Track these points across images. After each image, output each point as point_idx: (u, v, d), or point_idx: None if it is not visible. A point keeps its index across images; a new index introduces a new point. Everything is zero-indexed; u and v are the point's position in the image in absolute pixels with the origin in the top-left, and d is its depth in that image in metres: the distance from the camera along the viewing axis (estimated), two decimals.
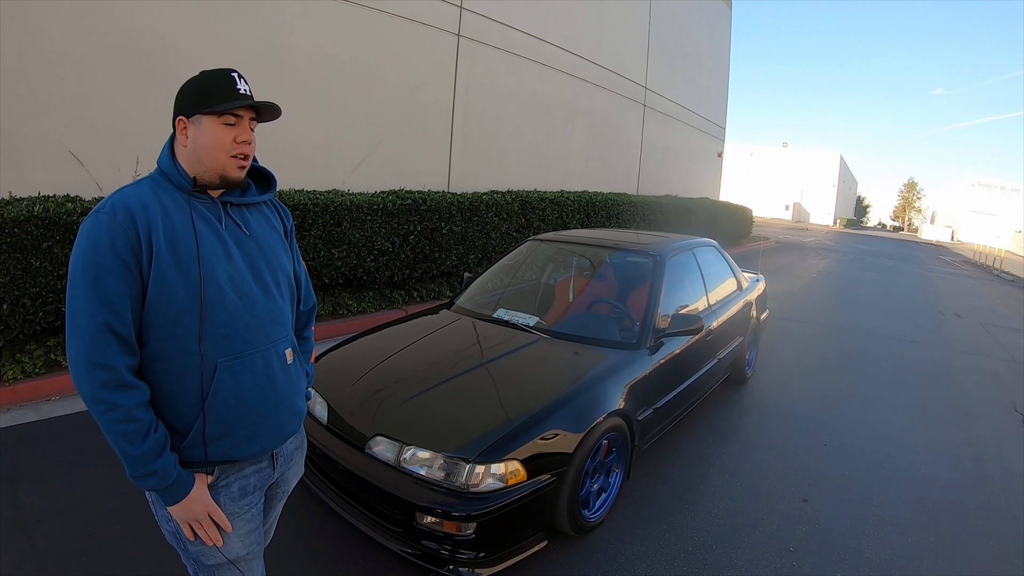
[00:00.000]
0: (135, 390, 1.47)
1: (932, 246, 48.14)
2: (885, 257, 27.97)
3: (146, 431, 1.47)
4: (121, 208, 1.48)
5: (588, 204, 11.94)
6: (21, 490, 3.42)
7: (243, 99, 1.58)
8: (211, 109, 1.55)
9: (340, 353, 3.99)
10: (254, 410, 1.64)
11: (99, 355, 1.43)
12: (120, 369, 1.44)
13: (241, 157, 1.62)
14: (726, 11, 25.34)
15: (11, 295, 4.74)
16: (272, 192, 1.85)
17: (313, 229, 6.87)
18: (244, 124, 1.61)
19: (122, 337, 1.46)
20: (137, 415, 1.46)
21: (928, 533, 3.68)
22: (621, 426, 3.42)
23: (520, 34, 12.13)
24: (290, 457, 1.90)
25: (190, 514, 1.58)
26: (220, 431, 1.59)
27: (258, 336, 1.65)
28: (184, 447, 1.57)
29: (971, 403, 6.34)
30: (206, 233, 1.58)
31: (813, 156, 74.47)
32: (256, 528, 1.77)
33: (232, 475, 1.68)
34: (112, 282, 1.44)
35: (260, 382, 1.65)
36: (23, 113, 5.78)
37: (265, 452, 1.73)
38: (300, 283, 1.96)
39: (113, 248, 1.44)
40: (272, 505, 1.94)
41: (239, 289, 1.61)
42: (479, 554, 2.76)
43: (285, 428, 1.77)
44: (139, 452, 1.46)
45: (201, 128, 1.57)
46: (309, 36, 8.27)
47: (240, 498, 1.70)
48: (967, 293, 16.69)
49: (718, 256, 5.73)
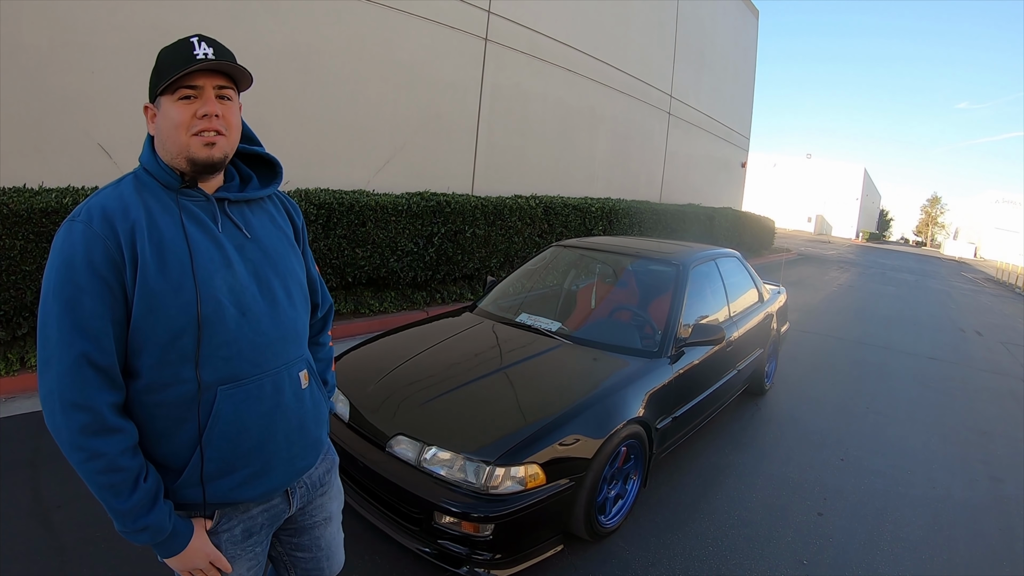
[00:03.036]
0: (120, 433, 1.26)
1: (954, 262, 47.64)
2: (906, 272, 27.70)
3: (134, 481, 1.27)
4: (98, 214, 1.27)
5: (611, 211, 11.95)
6: (41, 476, 3.49)
7: (189, 64, 1.30)
8: (162, 86, 1.31)
9: (363, 352, 4.03)
10: (260, 445, 1.43)
11: (77, 394, 1.22)
12: (101, 409, 1.24)
13: (207, 133, 1.34)
14: (752, 20, 25.24)
15: (37, 283, 4.84)
16: (277, 183, 1.61)
17: (338, 228, 6.95)
18: (206, 95, 1.34)
19: (103, 369, 1.25)
20: (123, 464, 1.25)
21: (942, 551, 3.67)
22: (640, 434, 3.44)
23: (547, 39, 12.17)
24: (315, 487, 1.68)
25: (189, 565, 1.40)
26: (220, 469, 1.38)
27: (266, 357, 1.42)
28: (178, 487, 1.37)
29: (989, 422, 6.28)
30: (200, 238, 1.36)
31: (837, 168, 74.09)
32: (258, 564, 1.57)
33: (236, 518, 1.48)
34: (90, 304, 1.23)
35: (268, 411, 1.43)
36: (53, 105, 5.92)
37: (274, 492, 1.52)
38: (316, 286, 1.76)
39: (90, 263, 1.23)
40: (318, 534, 1.74)
41: (241, 303, 1.38)
42: (496, 555, 2.78)
43: (298, 463, 1.55)
44: (127, 506, 1.27)
45: (161, 111, 1.35)
46: (337, 36, 8.36)
47: (243, 540, 1.50)
48: (988, 311, 16.49)
49: (740, 267, 5.73)
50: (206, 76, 1.33)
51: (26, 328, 4.95)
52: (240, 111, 1.46)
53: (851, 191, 72.93)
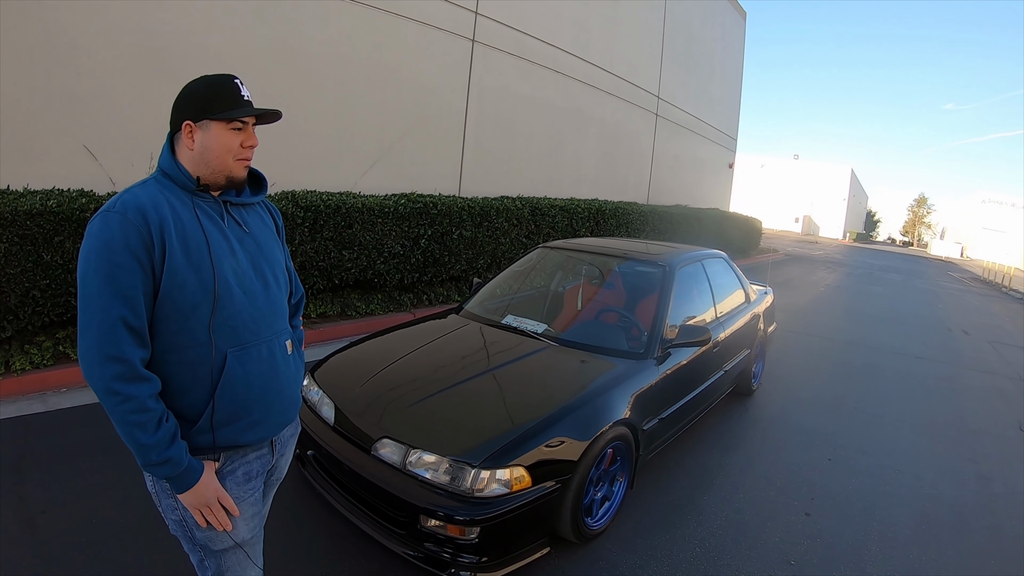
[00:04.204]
0: (148, 382, 1.52)
1: (941, 262, 47.96)
2: (894, 272, 27.88)
3: (158, 420, 1.53)
4: (133, 207, 1.52)
5: (598, 212, 11.96)
6: (27, 480, 3.45)
7: (249, 106, 1.67)
8: (220, 115, 1.62)
9: (348, 355, 4.00)
10: (260, 397, 1.73)
11: (114, 348, 1.47)
12: (134, 362, 1.50)
13: (245, 159, 1.71)
14: (740, 22, 25.37)
15: (21, 286, 4.78)
16: (264, 193, 1.92)
17: (324, 230, 6.89)
18: (250, 129, 1.69)
19: (136, 331, 1.51)
20: (150, 405, 1.51)
21: (930, 550, 3.68)
22: (626, 435, 3.43)
23: (534, 40, 12.18)
24: (285, 444, 1.99)
25: (201, 500, 1.64)
26: (228, 417, 1.67)
27: (262, 327, 1.74)
28: (193, 434, 1.63)
29: (976, 421, 6.32)
30: (212, 231, 1.66)
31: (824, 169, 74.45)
32: (259, 512, 1.86)
33: (237, 461, 1.76)
34: (126, 278, 1.49)
35: (265, 371, 1.74)
36: (39, 106, 5.86)
37: (267, 438, 1.82)
38: (291, 276, 2.05)
39: (127, 246, 1.49)
40: (267, 492, 2.00)
41: (243, 284, 1.69)
42: (482, 558, 2.77)
43: (287, 415, 1.87)
44: (152, 441, 1.51)
45: (210, 133, 1.63)
46: (324, 37, 8.33)
47: (245, 483, 1.78)
48: (975, 310, 16.61)
49: (727, 268, 5.74)
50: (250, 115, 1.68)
51: (10, 332, 4.86)
52: None
53: (838, 192, 73.30)
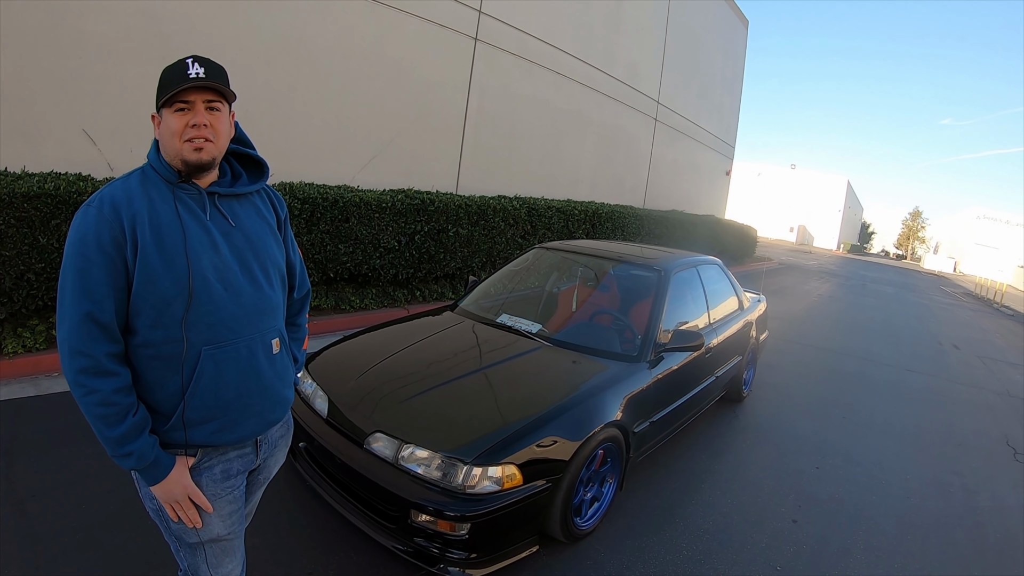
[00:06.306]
0: (114, 377, 1.53)
1: (934, 276, 48.11)
2: (886, 284, 27.97)
3: (124, 414, 1.53)
4: (108, 202, 1.54)
5: (594, 214, 11.97)
6: (17, 464, 3.45)
7: (182, 83, 1.57)
8: (162, 100, 1.60)
9: (343, 348, 4.01)
10: (236, 397, 1.69)
11: (80, 343, 1.50)
12: (99, 357, 1.51)
13: (196, 140, 1.61)
14: (742, 29, 25.42)
15: (16, 269, 4.77)
16: (263, 181, 1.87)
17: (321, 224, 6.90)
18: (197, 108, 1.60)
19: (103, 326, 1.52)
20: (114, 400, 1.52)
21: (914, 560, 3.71)
22: (617, 437, 3.45)
23: (537, 41, 12.20)
24: (274, 444, 1.95)
25: (170, 495, 1.65)
26: (201, 416, 1.65)
27: (243, 326, 1.69)
28: (166, 430, 1.63)
29: (964, 434, 6.36)
30: (191, 224, 1.62)
31: (820, 179, 74.47)
32: (238, 510, 1.82)
33: (215, 458, 1.74)
34: (96, 274, 1.50)
35: (244, 371, 1.70)
36: (41, 88, 5.86)
37: (247, 439, 1.79)
38: (295, 271, 2.01)
39: (99, 242, 1.50)
40: (253, 491, 1.99)
41: (224, 279, 1.65)
42: (471, 555, 2.78)
43: (269, 416, 1.81)
44: (114, 434, 1.53)
45: (163, 120, 1.62)
46: (328, 29, 8.35)
47: (223, 480, 1.75)
48: (966, 325, 16.68)
49: (721, 274, 5.76)
50: (197, 92, 1.60)
51: (3, 314, 4.85)
52: (232, 118, 1.75)
53: (834, 202, 73.40)
